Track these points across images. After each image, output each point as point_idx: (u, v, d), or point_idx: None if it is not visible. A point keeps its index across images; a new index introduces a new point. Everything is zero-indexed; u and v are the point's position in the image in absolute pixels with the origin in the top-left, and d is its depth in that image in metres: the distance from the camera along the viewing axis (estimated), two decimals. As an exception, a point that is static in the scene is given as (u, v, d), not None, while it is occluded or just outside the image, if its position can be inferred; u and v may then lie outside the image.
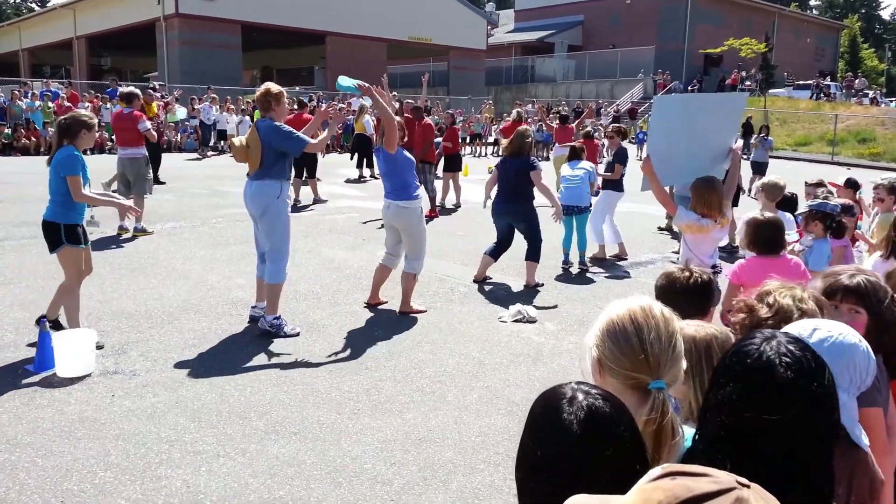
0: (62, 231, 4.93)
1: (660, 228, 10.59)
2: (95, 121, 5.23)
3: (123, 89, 9.90)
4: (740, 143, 4.81)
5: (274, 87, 5.58)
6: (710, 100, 7.44)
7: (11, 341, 5.10)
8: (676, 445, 1.41)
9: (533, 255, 7.17)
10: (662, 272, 2.46)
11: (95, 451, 3.61)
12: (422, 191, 6.11)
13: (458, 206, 12.58)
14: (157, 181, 11.97)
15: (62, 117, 5.23)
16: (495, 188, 7.30)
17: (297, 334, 5.46)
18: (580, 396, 1.22)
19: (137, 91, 9.86)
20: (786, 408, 1.16)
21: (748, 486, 0.82)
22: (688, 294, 2.39)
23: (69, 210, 4.95)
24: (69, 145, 5.01)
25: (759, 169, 15.75)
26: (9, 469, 3.42)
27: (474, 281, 7.26)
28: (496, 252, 7.29)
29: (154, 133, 9.89)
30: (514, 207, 7.11)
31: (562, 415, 1.19)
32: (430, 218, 10.92)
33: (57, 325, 5.11)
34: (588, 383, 1.30)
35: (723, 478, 0.82)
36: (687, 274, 2.43)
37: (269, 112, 5.51)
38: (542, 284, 7.17)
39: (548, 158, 19.83)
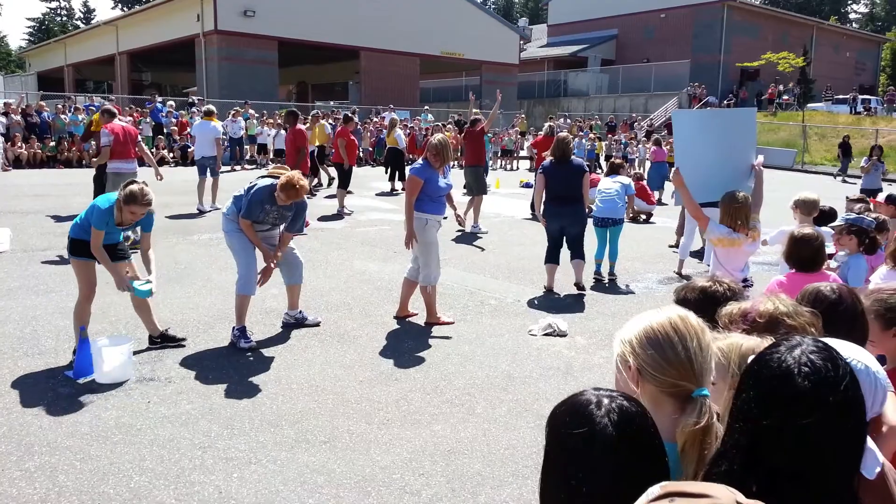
0: (69, 243, 5.09)
1: (669, 246, 10.29)
2: (149, 199, 5.01)
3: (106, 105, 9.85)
4: (761, 158, 4.77)
5: (289, 183, 5.37)
6: (722, 115, 7.29)
7: (52, 347, 5.25)
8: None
9: (581, 255, 7.38)
10: (688, 286, 2.42)
11: (131, 456, 3.69)
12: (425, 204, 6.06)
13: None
14: None
15: (135, 184, 5.04)
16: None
17: (250, 348, 5.38)
18: (605, 400, 1.23)
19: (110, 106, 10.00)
20: (803, 417, 1.17)
21: None
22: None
23: (80, 228, 5.07)
24: (117, 201, 4.96)
25: (872, 197, 13.21)
26: (49, 471, 3.51)
27: (546, 289, 7.33)
28: (554, 256, 7.42)
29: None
30: (570, 209, 7.23)
31: (594, 419, 1.20)
32: None
33: (165, 337, 5.38)
34: (603, 388, 1.31)
35: (722, 498, 0.80)
36: (725, 286, 2.39)
37: (281, 189, 5.40)
38: (585, 289, 7.31)
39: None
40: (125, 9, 62.72)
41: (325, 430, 4.07)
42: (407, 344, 5.65)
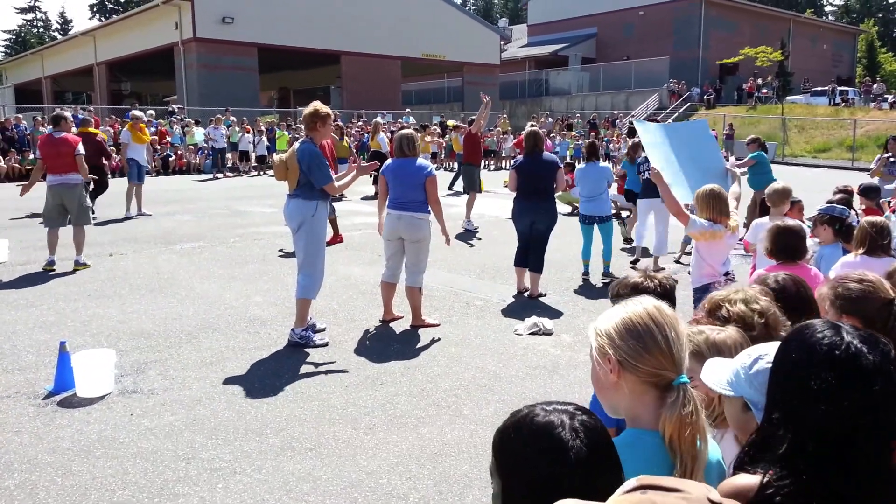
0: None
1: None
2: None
3: (59, 112, 8.97)
4: (733, 159, 4.98)
5: (322, 108, 5.61)
6: (678, 129, 7.04)
7: (32, 363, 5.17)
8: (704, 450, 1.42)
9: (539, 266, 7.16)
10: (622, 282, 2.43)
11: (114, 470, 3.64)
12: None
13: None
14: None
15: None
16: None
17: (326, 344, 5.58)
18: (566, 419, 1.20)
19: (66, 114, 9.16)
20: (877, 386, 1.22)
21: None
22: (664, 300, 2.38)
23: None
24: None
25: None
26: (29, 489, 3.46)
27: (518, 292, 7.23)
28: (525, 258, 7.24)
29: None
30: (540, 205, 7.07)
31: (564, 442, 1.17)
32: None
33: None
34: (557, 402, 1.28)
35: (694, 494, 0.80)
36: (656, 282, 2.40)
37: (312, 132, 5.59)
38: (545, 294, 7.18)
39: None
40: (102, 19, 62.22)
41: (310, 436, 4.04)
42: (392, 347, 5.62)
